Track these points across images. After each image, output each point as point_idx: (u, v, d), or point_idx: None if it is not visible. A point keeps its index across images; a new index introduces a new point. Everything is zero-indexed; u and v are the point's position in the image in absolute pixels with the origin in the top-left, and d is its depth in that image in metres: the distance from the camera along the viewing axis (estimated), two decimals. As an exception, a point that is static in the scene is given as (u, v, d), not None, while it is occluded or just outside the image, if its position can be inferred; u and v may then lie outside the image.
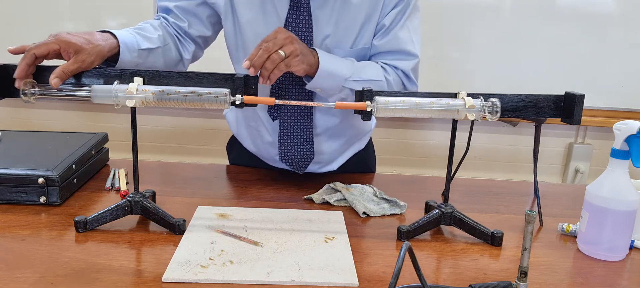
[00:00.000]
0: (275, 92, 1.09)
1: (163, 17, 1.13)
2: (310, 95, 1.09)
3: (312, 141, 1.14)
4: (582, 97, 0.90)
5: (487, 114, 0.88)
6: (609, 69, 2.41)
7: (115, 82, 0.84)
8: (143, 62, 1.03)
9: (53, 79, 0.85)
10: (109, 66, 0.98)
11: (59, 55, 0.89)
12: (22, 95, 0.84)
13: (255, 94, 0.87)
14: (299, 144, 1.13)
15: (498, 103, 0.88)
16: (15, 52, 0.87)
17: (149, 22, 1.10)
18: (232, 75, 0.87)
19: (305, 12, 1.03)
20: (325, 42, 1.07)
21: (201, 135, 2.64)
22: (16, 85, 0.86)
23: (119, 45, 0.97)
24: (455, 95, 0.89)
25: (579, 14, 2.34)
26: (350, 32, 1.07)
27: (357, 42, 1.08)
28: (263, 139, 1.19)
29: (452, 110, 0.87)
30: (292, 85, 1.08)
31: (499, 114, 0.88)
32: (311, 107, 1.12)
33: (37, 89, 0.85)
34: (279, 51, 0.89)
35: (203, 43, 1.18)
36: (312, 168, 1.21)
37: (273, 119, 1.13)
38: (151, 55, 1.05)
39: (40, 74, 0.89)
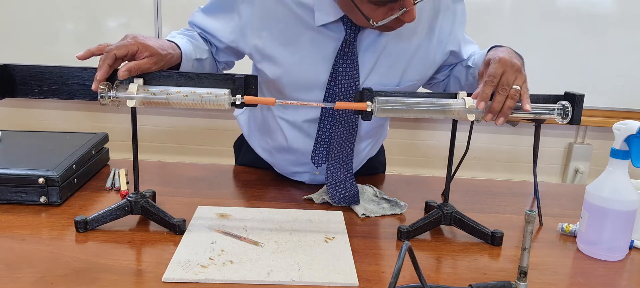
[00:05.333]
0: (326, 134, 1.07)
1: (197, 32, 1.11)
2: (355, 122, 1.05)
3: (353, 177, 1.08)
4: (582, 97, 0.90)
5: (556, 116, 0.89)
6: (609, 69, 2.41)
7: (116, 81, 0.84)
8: (195, 70, 1.02)
9: (123, 70, 0.83)
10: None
11: (133, 57, 0.87)
12: (99, 98, 0.83)
13: (256, 94, 0.87)
14: (344, 182, 1.07)
15: (569, 105, 0.88)
16: (84, 58, 0.85)
17: (191, 30, 1.09)
18: (233, 75, 0.87)
19: (353, 56, 1.00)
20: (366, 82, 1.03)
21: (202, 135, 2.64)
22: (93, 87, 0.83)
23: (181, 56, 0.97)
24: (455, 96, 0.89)
25: (579, 14, 2.34)
26: (394, 69, 1.03)
27: (404, 78, 1.05)
28: (277, 144, 1.15)
29: (453, 110, 0.87)
30: (340, 122, 1.04)
31: (570, 117, 0.88)
32: (353, 141, 1.07)
33: (112, 92, 0.83)
34: (514, 86, 0.86)
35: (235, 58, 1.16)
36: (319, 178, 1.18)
37: (317, 166, 1.10)
38: (200, 66, 1.05)
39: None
